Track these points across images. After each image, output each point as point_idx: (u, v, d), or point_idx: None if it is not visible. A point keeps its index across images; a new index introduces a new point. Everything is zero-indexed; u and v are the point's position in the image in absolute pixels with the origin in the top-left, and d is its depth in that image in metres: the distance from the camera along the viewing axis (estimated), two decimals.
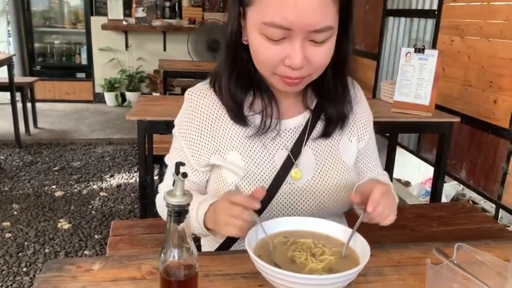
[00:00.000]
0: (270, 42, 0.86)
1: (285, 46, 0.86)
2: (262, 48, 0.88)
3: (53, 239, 2.74)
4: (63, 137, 4.76)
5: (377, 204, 0.85)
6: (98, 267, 0.86)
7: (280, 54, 0.87)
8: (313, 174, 1.02)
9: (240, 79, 0.97)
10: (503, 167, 2.45)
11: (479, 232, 1.88)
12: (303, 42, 0.85)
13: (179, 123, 1.06)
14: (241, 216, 0.82)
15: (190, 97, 1.04)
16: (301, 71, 0.89)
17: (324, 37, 0.86)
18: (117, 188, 3.53)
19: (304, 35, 0.84)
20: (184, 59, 5.15)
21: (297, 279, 0.71)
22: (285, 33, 0.84)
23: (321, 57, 0.89)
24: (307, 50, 0.86)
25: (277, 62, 0.88)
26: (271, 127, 1.00)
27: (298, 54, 0.85)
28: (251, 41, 0.90)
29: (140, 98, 2.62)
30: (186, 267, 0.71)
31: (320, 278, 0.72)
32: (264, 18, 0.84)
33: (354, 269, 0.73)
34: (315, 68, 0.90)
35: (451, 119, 2.41)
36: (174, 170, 0.70)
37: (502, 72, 2.45)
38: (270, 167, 1.00)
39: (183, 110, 1.06)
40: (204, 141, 1.01)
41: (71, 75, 6.39)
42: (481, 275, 0.80)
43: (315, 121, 1.04)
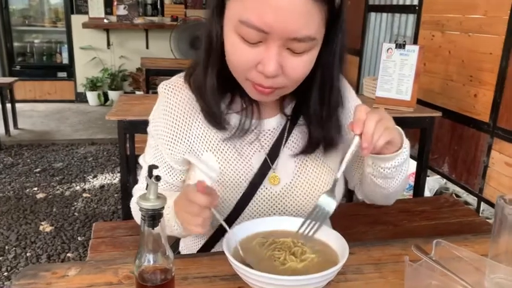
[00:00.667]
0: (244, 44, 0.79)
1: (260, 50, 0.79)
2: (235, 49, 0.81)
3: (34, 242, 2.70)
4: (45, 138, 4.69)
5: (362, 123, 0.79)
6: (74, 272, 0.84)
7: (253, 58, 0.80)
8: (292, 178, 0.98)
9: (217, 79, 0.91)
10: (484, 160, 2.48)
11: (461, 226, 1.90)
12: (279, 49, 0.78)
13: (154, 120, 1.01)
14: (201, 215, 0.80)
15: (164, 92, 0.98)
16: (274, 81, 0.82)
17: (303, 48, 0.79)
18: (101, 189, 3.49)
19: (282, 41, 0.77)
20: (167, 57, 5.11)
21: (275, 281, 0.70)
22: (262, 36, 0.77)
23: (297, 68, 0.82)
24: (283, 59, 0.79)
25: (249, 67, 0.82)
26: (250, 129, 0.95)
27: (272, 61, 0.78)
28: (226, 40, 0.84)
29: (121, 97, 2.59)
30: (162, 271, 0.70)
31: (297, 279, 0.71)
32: (241, 15, 0.77)
33: (331, 269, 0.72)
34: (289, 80, 0.83)
35: (432, 114, 2.43)
36: (147, 173, 0.69)
37: (481, 66, 2.48)
38: (247, 171, 0.96)
39: (157, 106, 1.01)
40: (179, 138, 0.97)
41: (52, 74, 6.29)
42: (460, 271, 0.80)
43: (293, 123, 0.99)
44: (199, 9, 6.13)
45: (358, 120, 0.80)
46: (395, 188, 0.97)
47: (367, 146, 0.79)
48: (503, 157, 2.34)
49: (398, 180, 0.95)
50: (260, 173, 0.96)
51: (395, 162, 0.89)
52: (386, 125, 0.80)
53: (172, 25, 5.76)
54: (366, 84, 2.73)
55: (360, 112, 0.80)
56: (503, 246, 0.84)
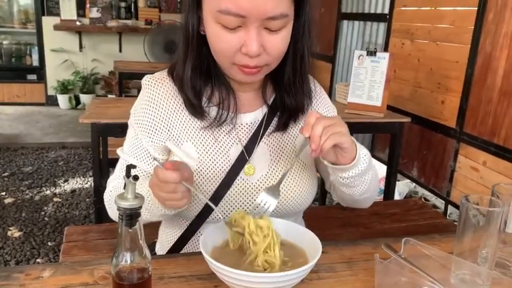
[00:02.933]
0: (226, 31, 0.87)
1: (241, 34, 0.86)
2: (218, 37, 0.88)
3: (2, 247, 2.63)
4: (14, 141, 4.57)
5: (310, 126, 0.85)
6: (48, 274, 0.84)
7: (236, 42, 0.87)
8: (267, 171, 1.02)
9: (198, 70, 0.97)
10: (451, 164, 2.57)
11: (429, 227, 1.96)
12: (258, 29, 0.86)
13: (135, 112, 1.04)
14: (177, 190, 0.83)
15: (147, 84, 1.03)
16: (258, 59, 0.89)
17: (279, 25, 0.87)
18: (72, 193, 3.42)
19: (259, 22, 0.85)
20: (141, 61, 5.07)
21: (250, 278, 0.72)
22: (240, 21, 0.84)
23: (277, 45, 0.89)
24: (263, 38, 0.87)
25: (234, 51, 0.88)
26: (227, 120, 1.00)
27: (253, 42, 0.86)
28: (208, 30, 0.90)
29: (94, 100, 2.56)
30: (139, 270, 0.71)
31: (272, 276, 0.73)
32: (218, 6, 0.84)
33: (305, 266, 0.74)
34: (271, 57, 0.91)
35: (402, 119, 2.50)
36: (125, 173, 0.70)
37: (448, 74, 2.57)
38: (224, 161, 1.00)
39: (139, 98, 1.05)
40: (160, 126, 1.01)
41: (21, 77, 6.14)
42: (427, 268, 0.84)
43: (271, 116, 1.04)
44: (173, 13, 6.11)
45: (307, 124, 0.86)
46: (360, 195, 1.02)
47: (314, 148, 0.84)
48: (469, 161, 2.43)
49: (362, 188, 1.00)
50: (237, 164, 1.00)
51: (353, 172, 0.94)
52: (337, 130, 0.85)
53: (146, 29, 5.71)
54: (338, 90, 2.78)
55: (310, 117, 0.86)
56: (467, 245, 0.87)
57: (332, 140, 0.84)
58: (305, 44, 0.97)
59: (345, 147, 0.88)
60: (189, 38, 0.95)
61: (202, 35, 0.94)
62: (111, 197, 1.07)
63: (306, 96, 1.05)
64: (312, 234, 0.86)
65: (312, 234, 0.86)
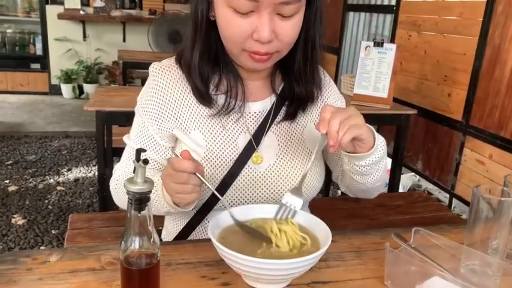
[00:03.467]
0: (237, 15, 0.85)
1: (253, 20, 0.85)
2: (230, 22, 0.87)
3: (6, 235, 2.63)
4: (17, 130, 4.57)
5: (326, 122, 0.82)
6: (55, 259, 0.83)
7: (248, 28, 0.86)
8: (275, 160, 1.02)
9: (206, 57, 0.95)
10: (456, 157, 2.55)
11: (434, 220, 1.96)
12: (270, 15, 0.84)
13: (142, 99, 1.03)
14: (189, 182, 0.82)
15: (154, 71, 1.01)
16: (269, 46, 0.88)
17: (291, 10, 0.85)
18: (75, 182, 3.42)
19: (272, 7, 0.83)
20: (145, 51, 5.05)
21: (260, 264, 0.71)
22: (253, 5, 0.83)
23: (288, 31, 0.88)
24: (275, 24, 0.85)
25: (245, 37, 0.87)
26: (235, 109, 0.99)
27: (266, 27, 0.84)
28: (219, 15, 0.89)
29: (99, 89, 2.55)
30: (148, 256, 0.70)
31: (282, 263, 0.72)
32: None
33: (315, 254, 0.73)
34: (283, 44, 0.89)
35: (408, 111, 2.48)
36: (135, 157, 0.69)
37: (456, 66, 2.55)
38: (232, 150, 0.99)
39: (146, 85, 1.03)
40: (168, 114, 0.99)
41: (25, 65, 6.12)
42: (437, 258, 0.83)
43: (280, 105, 1.03)
44: (178, 3, 6.07)
45: (323, 120, 0.83)
46: (373, 184, 1.01)
47: (333, 144, 0.82)
48: (475, 155, 2.41)
49: (375, 176, 0.99)
50: (245, 153, 0.99)
51: (370, 160, 0.92)
52: (354, 122, 0.83)
53: (150, 18, 5.68)
54: (344, 82, 2.76)
55: (325, 112, 0.83)
56: (477, 235, 0.87)
57: (350, 133, 0.82)
58: (316, 31, 0.96)
59: (363, 139, 0.87)
60: (197, 23, 0.93)
61: (212, 20, 0.92)
62: (117, 185, 1.05)
63: (316, 85, 1.04)
64: (321, 223, 0.85)
65: (322, 222, 0.85)
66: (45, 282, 0.76)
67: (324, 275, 0.83)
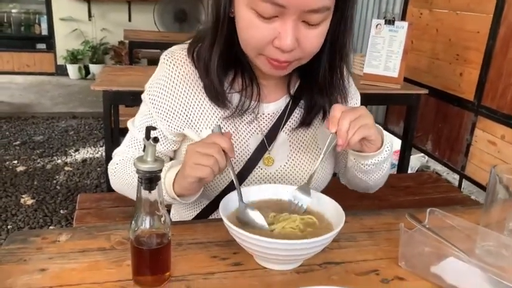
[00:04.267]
0: (259, 20, 0.77)
1: (276, 25, 0.77)
2: (250, 25, 0.79)
3: (15, 215, 2.65)
4: (24, 111, 4.57)
5: (336, 121, 0.81)
6: (65, 238, 0.82)
7: (269, 34, 0.78)
8: (286, 161, 0.99)
9: (223, 56, 0.88)
10: (467, 138, 2.52)
11: (444, 201, 1.94)
12: (295, 22, 0.77)
13: (151, 89, 0.97)
14: (216, 155, 0.79)
15: (166, 63, 0.95)
16: (290, 54, 0.81)
17: (319, 19, 0.78)
18: (83, 163, 3.43)
19: (298, 14, 0.76)
20: (151, 30, 5.00)
21: (273, 245, 0.70)
22: (278, 10, 0.75)
23: (313, 40, 0.81)
24: (299, 32, 0.78)
25: (265, 43, 0.80)
26: (249, 109, 0.95)
27: (289, 36, 0.77)
28: (239, 15, 0.81)
29: (105, 68, 2.53)
30: (159, 235, 0.69)
31: (295, 243, 0.71)
32: None
33: (328, 235, 0.72)
34: (305, 53, 0.82)
35: (419, 91, 2.44)
36: (145, 135, 0.67)
37: (468, 45, 2.49)
38: (243, 150, 0.96)
39: (156, 75, 0.97)
40: (179, 112, 0.95)
41: (31, 46, 6.10)
42: (451, 239, 0.81)
43: (294, 106, 0.99)
44: None
45: (332, 118, 0.81)
46: (375, 182, 1.01)
47: (342, 143, 0.81)
48: (487, 135, 2.38)
49: (379, 174, 0.99)
50: (256, 153, 0.97)
51: (375, 160, 0.92)
52: (363, 122, 0.82)
53: None
54: (354, 61, 2.72)
55: (335, 111, 0.82)
56: (494, 216, 0.85)
57: (359, 133, 0.81)
58: (346, 40, 0.89)
59: (372, 139, 0.86)
60: (219, 21, 0.85)
61: (231, 17, 0.84)
62: (116, 169, 1.02)
63: (342, 96, 0.98)
64: (335, 204, 0.83)
65: (336, 203, 0.83)
66: (55, 262, 0.75)
67: (336, 255, 0.82)
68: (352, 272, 0.78)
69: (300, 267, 0.77)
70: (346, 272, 0.78)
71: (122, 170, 1.00)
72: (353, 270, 0.78)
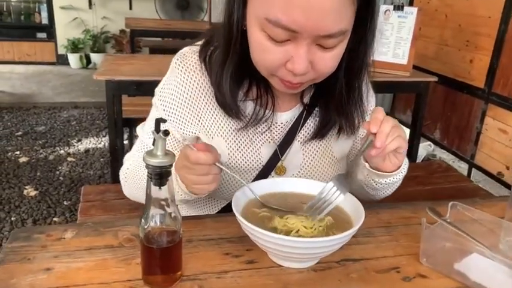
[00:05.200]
0: (271, 43, 0.73)
1: (288, 49, 0.73)
2: (261, 48, 0.75)
3: (19, 206, 2.62)
4: (26, 101, 4.53)
5: (379, 122, 0.77)
6: (71, 235, 0.79)
7: (282, 57, 0.74)
8: (299, 170, 0.96)
9: (236, 72, 0.84)
10: (477, 126, 2.47)
11: (455, 191, 1.90)
12: (309, 46, 0.72)
13: (162, 93, 0.93)
14: (210, 172, 0.77)
15: (178, 68, 0.90)
16: (303, 76, 0.77)
17: (334, 42, 0.73)
18: (86, 153, 3.40)
19: (312, 38, 0.71)
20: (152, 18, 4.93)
21: (290, 243, 0.66)
22: (290, 35, 0.71)
23: (328, 63, 0.76)
24: (313, 55, 0.74)
25: (277, 65, 0.76)
26: (264, 119, 0.91)
27: (302, 60, 0.73)
28: (251, 35, 0.76)
29: (107, 57, 2.48)
30: (170, 233, 0.66)
31: (313, 241, 0.67)
32: (267, 13, 0.70)
33: (347, 232, 0.68)
34: (318, 74, 0.78)
35: (428, 79, 2.39)
36: (154, 128, 0.63)
37: (479, 30, 2.43)
38: (255, 160, 0.93)
39: (167, 79, 0.93)
40: (190, 120, 0.92)
41: (31, 35, 6.04)
42: (474, 233, 0.78)
43: (308, 115, 0.95)
44: None
45: (375, 119, 0.77)
46: (381, 197, 0.99)
47: (380, 146, 0.77)
48: (497, 123, 2.33)
49: (387, 192, 0.98)
50: (269, 163, 0.94)
51: (390, 180, 0.90)
52: (400, 133, 0.80)
53: None
54: None
55: (378, 113, 0.78)
56: None
57: (397, 142, 0.78)
58: (367, 58, 0.84)
59: (401, 154, 0.84)
60: (231, 38, 0.80)
61: (244, 30, 0.79)
62: (127, 174, 0.99)
63: (358, 112, 0.93)
64: (353, 198, 0.79)
65: (355, 199, 0.79)
66: (60, 260, 0.72)
67: (354, 251, 0.79)
68: (372, 270, 0.74)
69: (317, 265, 0.74)
70: (366, 270, 0.74)
71: (133, 175, 0.97)
72: (372, 267, 0.75)
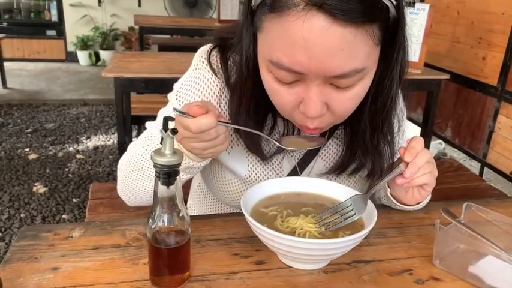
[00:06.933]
0: (280, 85, 0.68)
1: (299, 90, 0.67)
2: (271, 90, 0.70)
3: (28, 203, 2.64)
4: (35, 98, 4.56)
5: (415, 153, 0.74)
6: (78, 234, 0.78)
7: (293, 99, 0.69)
8: None
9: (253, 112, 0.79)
10: (489, 125, 2.43)
11: (466, 191, 1.87)
12: (320, 87, 0.66)
13: (181, 90, 0.86)
14: (218, 133, 0.71)
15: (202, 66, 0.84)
16: (319, 120, 0.70)
17: (349, 82, 0.66)
18: (94, 150, 3.41)
19: (322, 79, 0.65)
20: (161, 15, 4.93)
21: (300, 244, 0.65)
22: (297, 76, 0.65)
23: (346, 104, 0.69)
24: (327, 96, 0.67)
25: (290, 108, 0.71)
26: None
27: (313, 103, 0.66)
28: (262, 76, 0.72)
29: (116, 54, 2.47)
30: (178, 233, 0.64)
31: (323, 243, 0.65)
32: (270, 55, 0.65)
33: (359, 233, 0.66)
34: (337, 116, 0.71)
35: (440, 76, 2.36)
36: (162, 126, 0.62)
37: (492, 27, 2.39)
38: (276, 173, 0.90)
39: (189, 76, 0.86)
40: None
41: (41, 32, 6.08)
42: (489, 235, 0.76)
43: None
44: None
45: (412, 149, 0.75)
46: None
47: (409, 177, 0.76)
48: (510, 122, 2.29)
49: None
50: (289, 175, 0.90)
51: (408, 208, 0.90)
52: (432, 169, 0.79)
53: None
54: None
55: (418, 142, 0.76)
56: None
57: (426, 178, 0.77)
58: (392, 97, 0.75)
59: (426, 191, 0.83)
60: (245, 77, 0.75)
61: None
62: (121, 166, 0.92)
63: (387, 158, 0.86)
64: (369, 202, 0.77)
65: (369, 201, 0.77)
66: (67, 260, 0.71)
67: (366, 253, 0.77)
68: (384, 272, 0.72)
69: (327, 267, 0.72)
70: (378, 272, 0.72)
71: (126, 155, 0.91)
72: (385, 269, 0.73)
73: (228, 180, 0.91)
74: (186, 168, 0.79)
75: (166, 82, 0.95)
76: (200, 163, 0.80)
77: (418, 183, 0.78)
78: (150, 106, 2.76)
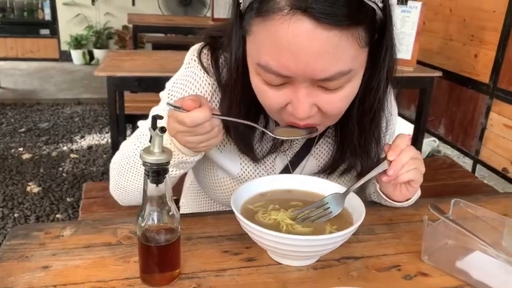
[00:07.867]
0: (268, 87, 0.69)
1: (287, 92, 0.68)
2: (260, 92, 0.71)
3: (22, 203, 2.63)
4: (29, 97, 4.54)
5: (399, 151, 0.75)
6: (69, 232, 0.78)
7: (281, 101, 0.70)
8: None
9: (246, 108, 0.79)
10: (482, 122, 2.45)
11: (459, 187, 1.89)
12: (308, 89, 0.67)
13: (173, 88, 0.86)
14: (213, 126, 0.71)
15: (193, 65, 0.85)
16: (309, 120, 0.71)
17: (337, 84, 0.66)
18: (88, 150, 3.40)
19: (310, 81, 0.66)
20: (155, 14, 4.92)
21: (290, 241, 0.65)
22: (285, 79, 0.66)
23: (335, 104, 0.70)
24: (315, 97, 0.68)
25: (278, 109, 0.72)
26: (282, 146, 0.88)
27: (301, 105, 0.67)
28: (251, 78, 0.73)
29: (109, 53, 2.47)
30: (167, 231, 0.65)
31: (312, 239, 0.66)
32: (258, 58, 0.66)
33: (348, 230, 0.67)
34: (327, 117, 0.72)
35: (433, 74, 2.37)
36: (151, 125, 0.62)
37: (484, 25, 2.41)
38: (269, 171, 0.91)
39: (181, 74, 0.86)
40: None
41: (34, 31, 6.05)
42: (477, 230, 0.77)
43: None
44: None
45: (396, 147, 0.76)
46: None
47: (392, 175, 0.76)
48: (502, 119, 2.31)
49: None
50: (281, 173, 0.91)
51: (394, 205, 0.90)
52: (418, 165, 0.79)
53: None
54: None
55: (402, 140, 0.77)
56: None
57: (411, 174, 0.78)
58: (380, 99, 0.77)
59: (413, 187, 0.83)
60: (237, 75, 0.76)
61: None
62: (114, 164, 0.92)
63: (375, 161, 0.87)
64: (356, 197, 0.78)
65: (357, 196, 0.78)
66: (58, 258, 0.71)
67: (355, 249, 0.78)
68: (373, 268, 0.73)
69: (317, 263, 0.73)
70: (366, 268, 0.73)
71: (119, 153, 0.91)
72: (373, 265, 0.74)
73: (221, 178, 0.91)
74: (179, 163, 0.79)
75: (160, 81, 0.94)
76: (193, 157, 0.80)
77: (403, 180, 0.79)
78: (144, 105, 2.76)
